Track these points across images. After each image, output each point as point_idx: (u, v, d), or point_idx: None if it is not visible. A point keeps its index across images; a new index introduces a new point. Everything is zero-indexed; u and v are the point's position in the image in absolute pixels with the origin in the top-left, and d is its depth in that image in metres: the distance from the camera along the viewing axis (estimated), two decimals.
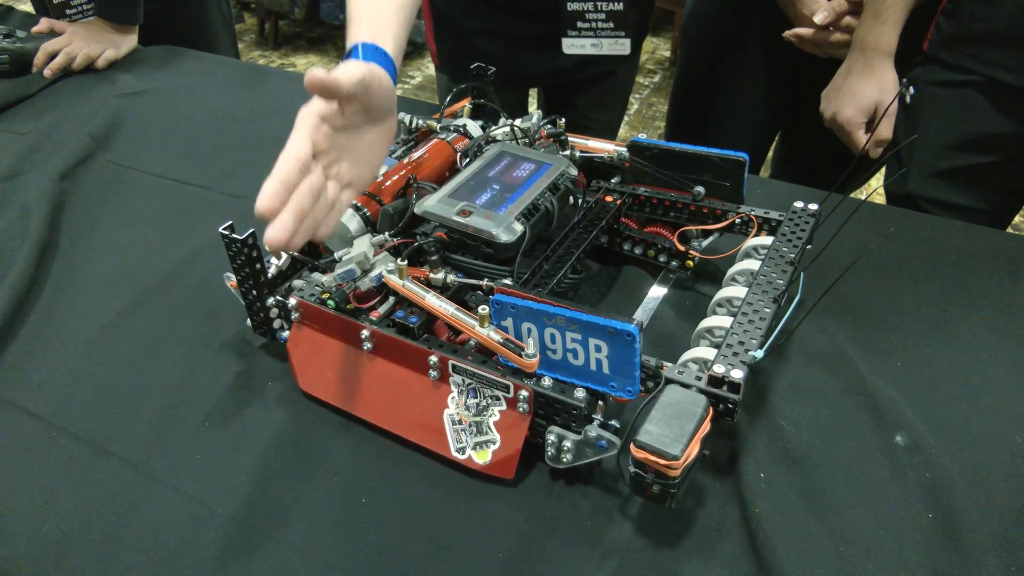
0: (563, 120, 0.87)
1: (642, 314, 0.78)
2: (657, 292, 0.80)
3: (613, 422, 0.59)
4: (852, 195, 0.79)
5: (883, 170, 1.31)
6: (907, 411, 0.66)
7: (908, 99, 1.02)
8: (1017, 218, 0.93)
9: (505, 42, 1.15)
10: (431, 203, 0.69)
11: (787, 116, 1.25)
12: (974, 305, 0.78)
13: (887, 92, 0.97)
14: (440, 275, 0.66)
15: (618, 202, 0.79)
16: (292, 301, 0.68)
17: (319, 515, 0.59)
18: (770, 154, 1.38)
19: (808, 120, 1.25)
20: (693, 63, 1.26)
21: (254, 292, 0.69)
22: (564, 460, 0.59)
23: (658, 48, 3.44)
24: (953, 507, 0.57)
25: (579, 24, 1.08)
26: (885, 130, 1.00)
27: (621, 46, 1.10)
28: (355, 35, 0.67)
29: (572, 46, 1.10)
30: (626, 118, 2.92)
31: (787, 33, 1.05)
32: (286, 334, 0.71)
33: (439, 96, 1.39)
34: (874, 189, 1.03)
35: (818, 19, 0.99)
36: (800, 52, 1.06)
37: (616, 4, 1.06)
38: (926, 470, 0.61)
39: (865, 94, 0.98)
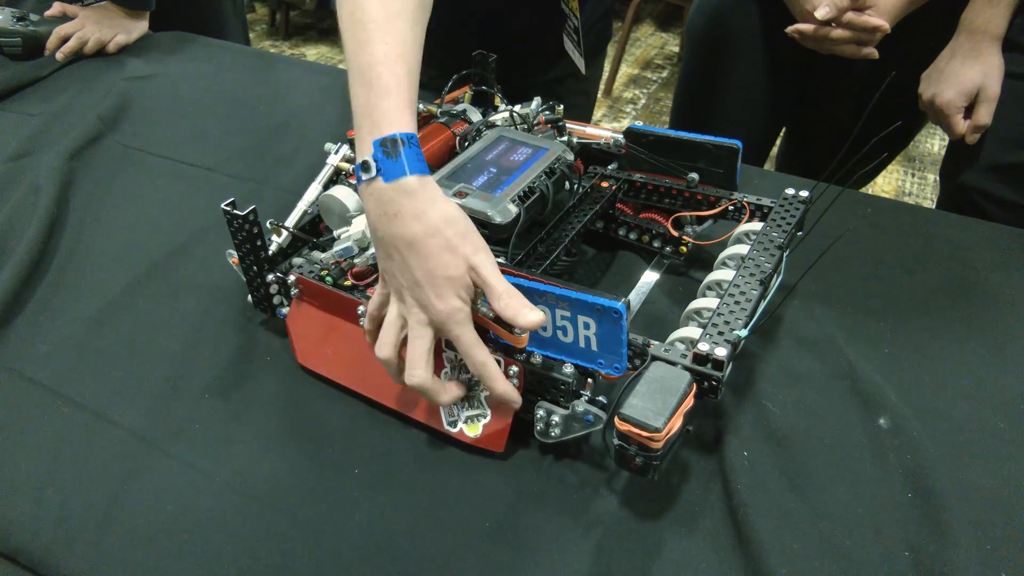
0: (561, 107, 0.89)
1: (635, 298, 0.79)
2: (650, 277, 0.82)
3: (600, 398, 0.60)
4: (859, 192, 0.79)
5: (896, 165, 1.29)
6: (892, 396, 0.67)
7: None
8: None
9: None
10: None
11: (791, 112, 1.26)
12: (964, 295, 0.79)
13: (992, 77, 0.95)
14: None
15: (613, 188, 0.81)
16: (291, 278, 0.69)
17: (313, 484, 0.61)
18: (774, 151, 1.38)
19: (812, 116, 1.26)
20: (698, 57, 1.27)
21: (255, 268, 0.70)
22: (552, 435, 0.60)
23: (667, 43, 3.44)
24: (932, 488, 0.59)
25: None
26: (984, 116, 0.97)
27: None
28: (394, 110, 0.57)
29: None
30: (633, 112, 2.92)
31: (789, 29, 1.05)
32: (285, 310, 0.72)
33: None
34: (858, 175, 1.02)
35: (819, 14, 0.99)
36: (804, 48, 1.07)
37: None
38: (907, 452, 0.62)
39: (968, 78, 0.95)
